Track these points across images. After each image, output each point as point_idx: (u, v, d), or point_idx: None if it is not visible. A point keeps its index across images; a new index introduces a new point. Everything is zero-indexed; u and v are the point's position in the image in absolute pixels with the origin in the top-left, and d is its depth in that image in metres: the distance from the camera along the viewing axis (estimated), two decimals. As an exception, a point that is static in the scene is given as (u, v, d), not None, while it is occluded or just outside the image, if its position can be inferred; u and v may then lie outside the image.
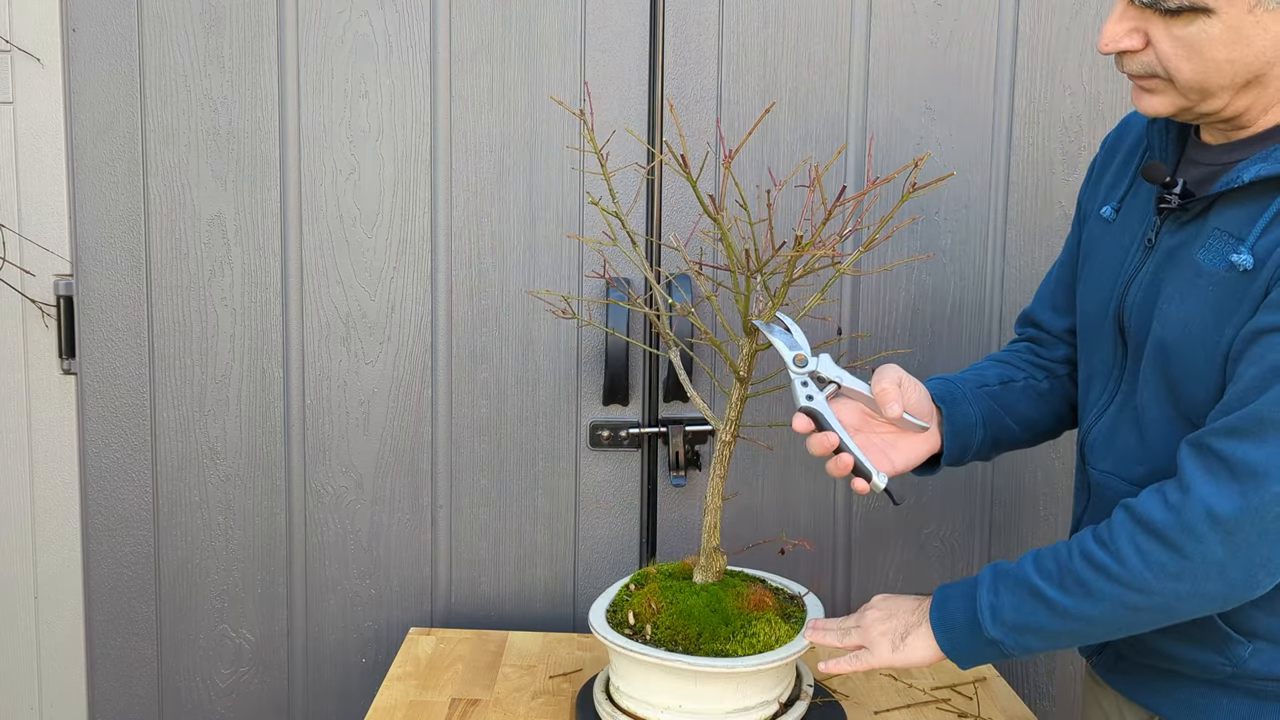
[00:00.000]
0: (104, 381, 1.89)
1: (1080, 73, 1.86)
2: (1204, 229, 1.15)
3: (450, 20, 1.84)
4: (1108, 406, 1.28)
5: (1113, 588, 1.12)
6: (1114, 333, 1.26)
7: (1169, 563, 1.08)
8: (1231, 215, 1.12)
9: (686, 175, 1.31)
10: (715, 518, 1.47)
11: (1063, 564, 1.16)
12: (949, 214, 1.88)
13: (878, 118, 1.86)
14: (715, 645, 1.37)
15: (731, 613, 1.40)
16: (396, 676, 1.65)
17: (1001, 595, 1.20)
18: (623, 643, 1.38)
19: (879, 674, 1.68)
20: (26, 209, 1.90)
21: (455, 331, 1.89)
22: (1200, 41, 1.07)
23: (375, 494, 1.91)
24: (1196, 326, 1.13)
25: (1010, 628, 1.19)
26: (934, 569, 1.94)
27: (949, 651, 1.25)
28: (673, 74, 1.84)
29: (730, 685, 1.37)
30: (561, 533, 1.92)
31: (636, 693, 1.40)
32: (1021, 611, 1.18)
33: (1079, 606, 1.14)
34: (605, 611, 1.46)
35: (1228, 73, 1.08)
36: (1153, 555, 1.09)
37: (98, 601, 1.93)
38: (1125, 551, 1.11)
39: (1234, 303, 1.09)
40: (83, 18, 1.82)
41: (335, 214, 1.86)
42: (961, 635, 1.23)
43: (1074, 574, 1.14)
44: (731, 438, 1.44)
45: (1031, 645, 1.20)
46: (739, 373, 1.42)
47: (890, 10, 1.85)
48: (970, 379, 1.44)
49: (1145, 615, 1.13)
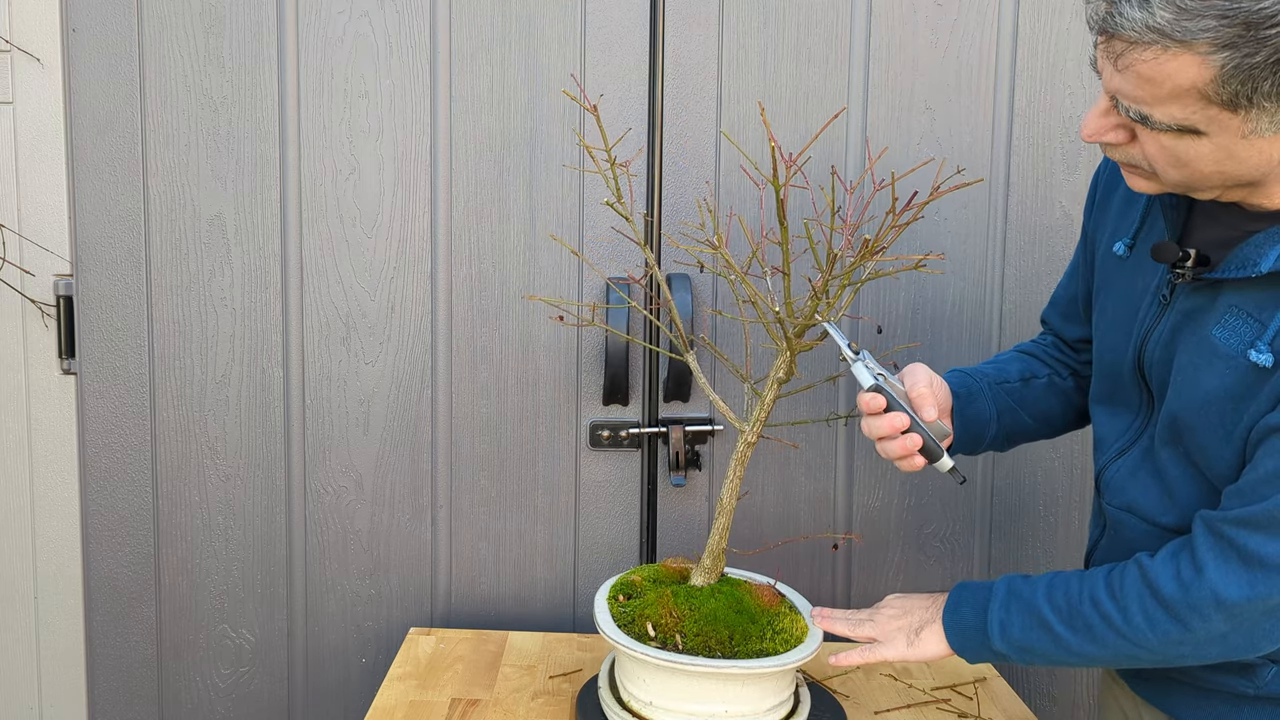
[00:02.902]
0: (104, 381, 1.89)
1: (1080, 73, 1.86)
2: (1219, 300, 1.12)
3: (450, 20, 1.84)
4: (1129, 447, 1.28)
5: (1116, 639, 1.16)
6: (1135, 380, 1.26)
7: (1173, 631, 1.13)
8: (1249, 295, 1.09)
9: (773, 181, 1.26)
10: (729, 519, 1.46)
11: (1073, 603, 1.20)
12: (949, 214, 1.88)
13: (878, 118, 1.86)
14: (751, 645, 1.37)
15: (755, 611, 1.41)
16: (396, 676, 1.65)
17: (1012, 614, 1.24)
18: (664, 656, 1.34)
19: (879, 673, 1.68)
20: (26, 209, 1.90)
21: (455, 331, 1.89)
22: (1189, 156, 1.03)
23: (375, 494, 1.91)
24: (1215, 407, 1.12)
25: (1016, 646, 1.24)
26: (934, 569, 1.94)
27: (959, 650, 1.29)
28: (673, 74, 1.84)
29: (771, 683, 1.38)
30: (561, 533, 1.92)
31: (675, 704, 1.37)
32: (1028, 635, 1.23)
33: (1082, 646, 1.19)
34: (617, 627, 1.42)
35: (1217, 180, 1.05)
36: (1159, 622, 1.13)
37: (98, 601, 1.93)
38: (1133, 611, 1.15)
39: (1250, 391, 1.08)
40: (83, 18, 1.82)
41: (335, 214, 1.86)
42: (970, 640, 1.28)
43: (1082, 616, 1.18)
44: (756, 438, 1.43)
45: (1035, 662, 1.25)
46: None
47: (890, 10, 1.85)
48: (990, 373, 1.46)
49: (1145, 662, 1.18)
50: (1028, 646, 1.23)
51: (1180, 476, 1.19)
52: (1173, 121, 1.00)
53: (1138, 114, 1.02)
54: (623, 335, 1.77)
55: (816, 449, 1.91)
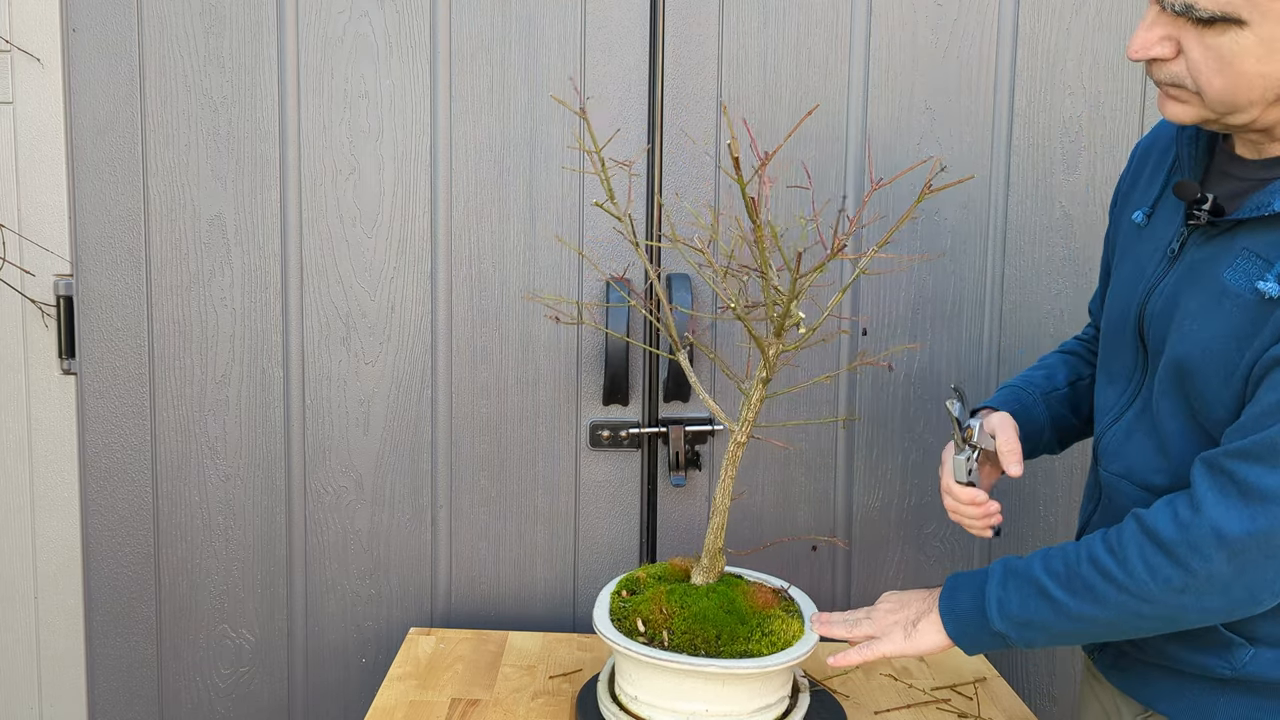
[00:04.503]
0: (104, 381, 1.89)
1: (1080, 73, 1.86)
2: (1232, 246, 1.13)
3: (450, 20, 1.84)
4: (1125, 411, 1.29)
5: (1118, 595, 1.14)
6: (1134, 339, 1.27)
7: (1174, 577, 1.11)
8: (1262, 236, 1.11)
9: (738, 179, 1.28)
10: (724, 518, 1.46)
11: (1071, 567, 1.18)
12: (949, 214, 1.88)
13: (878, 118, 1.86)
14: (737, 646, 1.37)
15: (746, 612, 1.41)
16: (396, 676, 1.65)
17: (1009, 590, 1.22)
18: (646, 651, 1.36)
19: (879, 673, 1.68)
20: (26, 209, 1.90)
21: (455, 331, 1.89)
22: (1232, 53, 1.05)
23: (375, 494, 1.91)
24: (1218, 348, 1.12)
25: (1015, 622, 1.22)
26: (934, 569, 1.94)
27: (956, 639, 1.28)
28: (673, 74, 1.84)
29: (756, 684, 1.38)
30: (561, 533, 1.92)
31: (658, 700, 1.39)
32: (1027, 608, 1.21)
33: (1083, 609, 1.17)
34: (611, 622, 1.44)
35: (1259, 87, 1.06)
36: (1159, 569, 1.11)
37: (98, 601, 1.93)
38: (1133, 561, 1.13)
39: (1255, 327, 1.09)
40: (83, 18, 1.82)
41: (335, 214, 1.86)
42: (968, 625, 1.26)
43: (1081, 578, 1.17)
44: (746, 438, 1.44)
45: (1035, 640, 1.22)
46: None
47: (890, 10, 1.85)
48: (1040, 382, 1.48)
49: (1148, 622, 1.15)
50: (1027, 620, 1.21)
51: (1176, 432, 1.19)
52: (1216, 8, 1.03)
53: (1183, 5, 1.05)
54: (622, 336, 1.77)
55: (816, 449, 1.91)
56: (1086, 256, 1.89)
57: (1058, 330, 1.90)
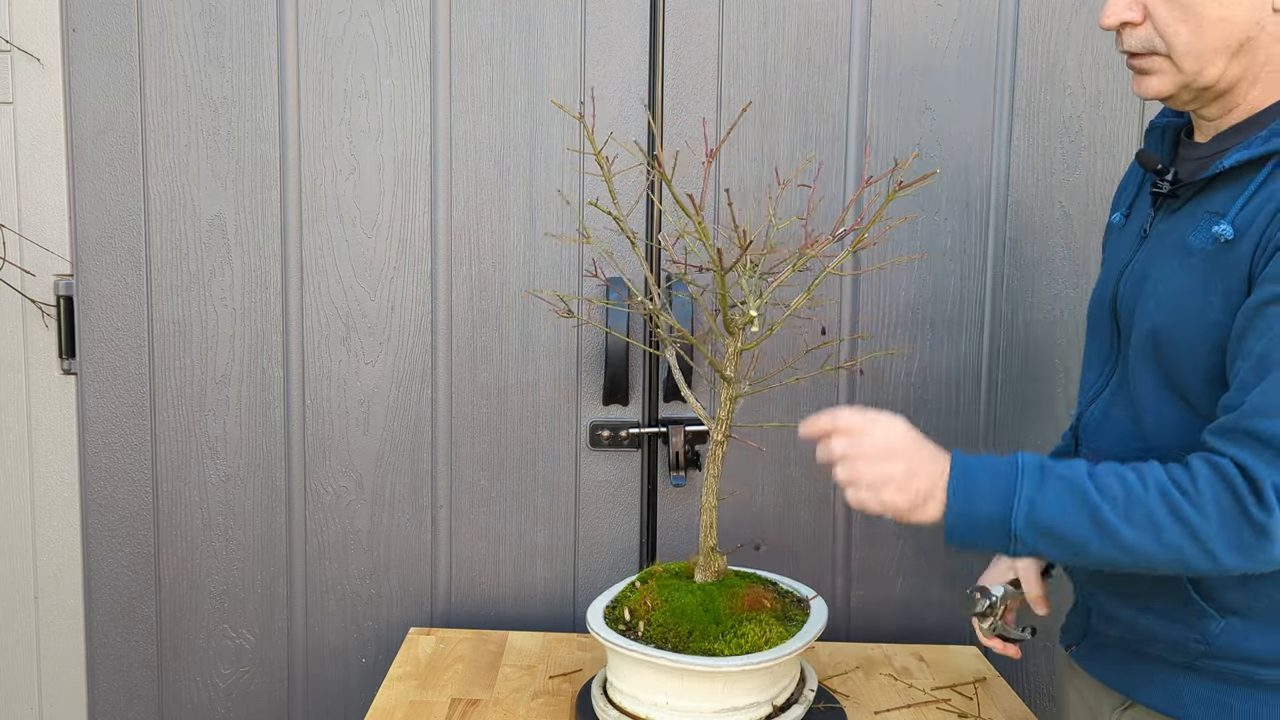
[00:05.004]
0: (104, 381, 1.89)
1: (1080, 73, 1.86)
2: (1195, 214, 1.20)
3: (450, 20, 1.84)
4: (1103, 390, 1.31)
5: (1180, 536, 1.07)
6: (1110, 321, 1.31)
7: (1244, 530, 1.06)
8: (1218, 198, 1.18)
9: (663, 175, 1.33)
10: (711, 517, 1.47)
11: (1133, 494, 1.10)
12: (949, 214, 1.88)
13: (878, 118, 1.86)
14: (704, 644, 1.37)
15: (723, 612, 1.41)
16: (396, 676, 1.65)
17: (1047, 494, 1.11)
18: (612, 638, 1.39)
19: (880, 673, 1.68)
20: (26, 209, 1.90)
21: (455, 331, 1.89)
22: (1194, 2, 1.14)
23: (375, 494, 1.91)
24: (1187, 304, 1.16)
25: (1040, 530, 1.11)
26: (934, 569, 1.94)
27: (952, 526, 1.16)
28: (672, 74, 1.84)
29: (717, 685, 1.37)
30: (561, 533, 1.92)
31: (628, 688, 1.42)
32: (1065, 521, 1.10)
33: (1140, 541, 1.09)
34: (605, 608, 1.48)
35: (1220, 32, 1.14)
36: (1231, 520, 1.06)
37: (98, 601, 1.93)
38: (1208, 507, 1.07)
39: (1218, 272, 1.13)
40: (83, 18, 1.82)
41: (335, 214, 1.86)
42: (979, 517, 1.14)
43: (1146, 508, 1.08)
44: (723, 437, 1.45)
45: (1046, 552, 1.13)
46: (722, 373, 1.43)
47: (890, 10, 1.85)
48: None
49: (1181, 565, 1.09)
50: (1054, 531, 1.10)
51: (1151, 404, 1.21)
52: None
53: None
54: (623, 336, 1.77)
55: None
56: (1086, 256, 1.89)
57: (1057, 330, 1.90)
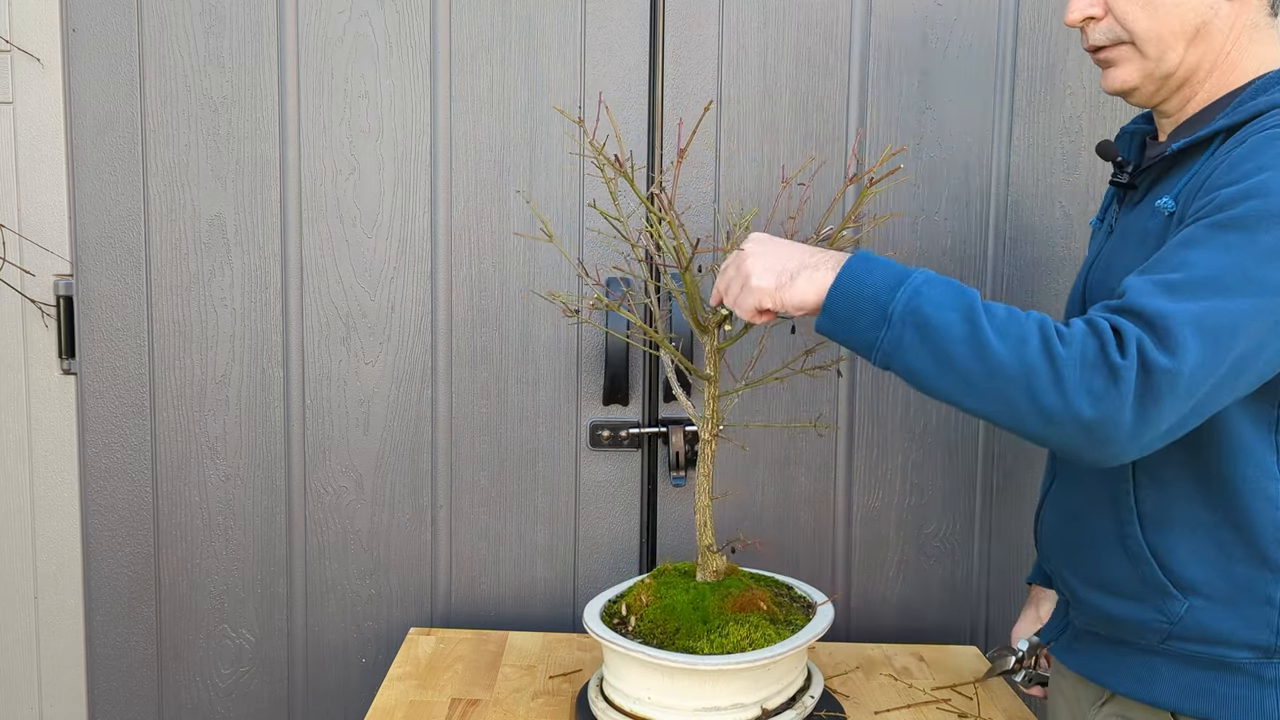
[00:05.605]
0: (104, 381, 1.89)
1: (1080, 73, 1.86)
2: (1150, 202, 1.26)
3: (450, 20, 1.84)
4: None
5: (1041, 359, 1.04)
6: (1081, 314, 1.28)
7: (1098, 375, 1.02)
8: (1168, 184, 1.24)
9: (623, 173, 1.36)
10: (705, 516, 1.47)
11: (1014, 316, 1.07)
12: (949, 214, 1.88)
13: (877, 117, 1.86)
14: (688, 642, 1.38)
15: (712, 612, 1.41)
16: (396, 676, 1.65)
17: (936, 290, 1.10)
18: (602, 632, 1.41)
19: (880, 673, 1.68)
20: (26, 209, 1.90)
21: (455, 331, 1.89)
22: None
23: (375, 494, 1.91)
24: None
25: (915, 318, 1.08)
26: (934, 569, 1.94)
27: (832, 302, 1.13)
28: (672, 74, 1.84)
29: (694, 683, 1.36)
30: (561, 533, 1.92)
31: (618, 683, 1.43)
32: (942, 313, 1.08)
33: (1001, 353, 1.05)
34: (607, 602, 1.50)
35: (1176, 16, 1.21)
36: (1095, 372, 1.02)
37: (98, 601, 1.93)
38: (1074, 346, 1.04)
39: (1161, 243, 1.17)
40: (83, 18, 1.82)
41: (335, 214, 1.86)
42: (863, 295, 1.12)
43: (1020, 329, 1.06)
44: (711, 436, 1.46)
45: (904, 346, 1.09)
46: (697, 372, 1.44)
47: (890, 10, 1.85)
48: None
49: (1035, 395, 1.04)
50: (928, 327, 1.07)
51: None
52: None
53: None
54: (623, 336, 1.77)
55: (817, 449, 1.91)
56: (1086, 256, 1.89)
57: (1058, 330, 1.90)
